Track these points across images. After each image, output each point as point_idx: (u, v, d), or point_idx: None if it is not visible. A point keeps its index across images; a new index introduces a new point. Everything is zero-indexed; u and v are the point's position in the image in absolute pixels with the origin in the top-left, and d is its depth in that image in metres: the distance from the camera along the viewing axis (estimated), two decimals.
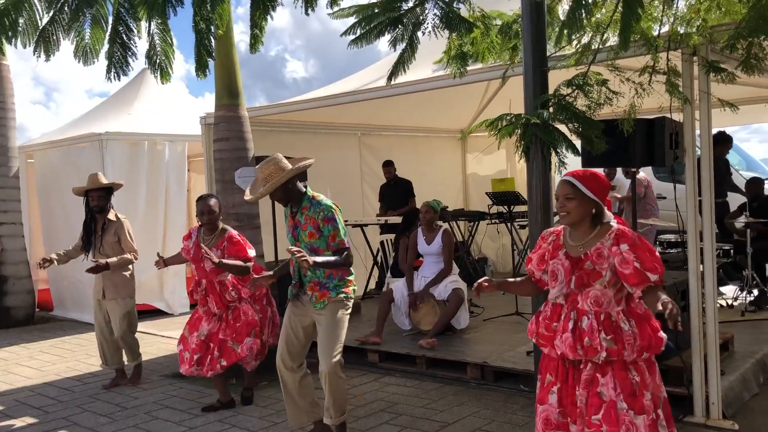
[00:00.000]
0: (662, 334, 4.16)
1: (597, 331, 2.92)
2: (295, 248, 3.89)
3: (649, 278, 2.86)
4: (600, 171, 3.15)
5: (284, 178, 4.12)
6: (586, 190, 2.99)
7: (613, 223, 3.04)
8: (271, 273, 4.48)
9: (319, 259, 4.00)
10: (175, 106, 10.60)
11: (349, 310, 4.31)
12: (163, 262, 5.33)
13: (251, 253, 5.16)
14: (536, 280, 3.28)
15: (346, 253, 4.13)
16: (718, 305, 4.74)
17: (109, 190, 5.97)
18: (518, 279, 3.42)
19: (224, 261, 4.92)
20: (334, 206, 4.19)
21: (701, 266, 4.50)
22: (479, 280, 3.25)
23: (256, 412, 5.17)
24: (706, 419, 4.41)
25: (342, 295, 4.22)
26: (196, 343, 5.16)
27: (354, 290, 4.33)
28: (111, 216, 5.95)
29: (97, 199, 5.88)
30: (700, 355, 4.46)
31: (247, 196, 4.32)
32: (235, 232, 5.20)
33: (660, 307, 2.71)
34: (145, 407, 5.44)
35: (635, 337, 2.93)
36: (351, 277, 4.30)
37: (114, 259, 5.82)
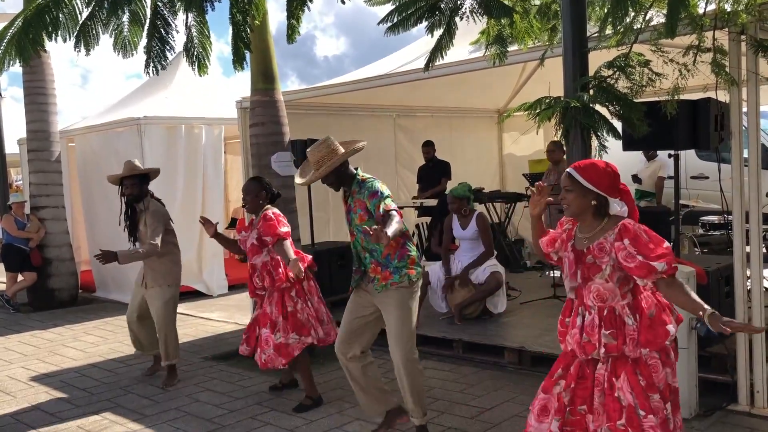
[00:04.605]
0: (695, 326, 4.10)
1: (597, 327, 2.93)
2: (373, 227, 3.62)
3: (656, 268, 2.76)
4: (601, 161, 3.02)
5: (337, 162, 3.96)
6: (585, 181, 2.92)
7: (623, 216, 2.96)
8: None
9: (389, 230, 3.64)
10: (209, 87, 10.65)
11: (417, 293, 4.09)
12: (214, 229, 5.11)
13: (282, 230, 4.86)
14: (545, 253, 3.28)
15: (393, 215, 3.81)
16: (765, 289, 4.63)
17: (142, 177, 5.59)
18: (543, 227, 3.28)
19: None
20: (379, 184, 4.00)
21: (747, 248, 4.39)
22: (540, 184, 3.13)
23: (294, 395, 5.23)
24: (750, 407, 4.33)
25: (405, 279, 4.00)
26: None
27: (418, 269, 4.06)
28: (143, 204, 5.56)
29: (130, 187, 5.53)
30: (745, 341, 4.37)
31: (298, 180, 4.18)
32: (271, 211, 4.94)
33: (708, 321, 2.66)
34: (186, 390, 5.54)
35: (637, 332, 2.88)
36: (413, 254, 4.05)
37: (125, 251, 5.41)
